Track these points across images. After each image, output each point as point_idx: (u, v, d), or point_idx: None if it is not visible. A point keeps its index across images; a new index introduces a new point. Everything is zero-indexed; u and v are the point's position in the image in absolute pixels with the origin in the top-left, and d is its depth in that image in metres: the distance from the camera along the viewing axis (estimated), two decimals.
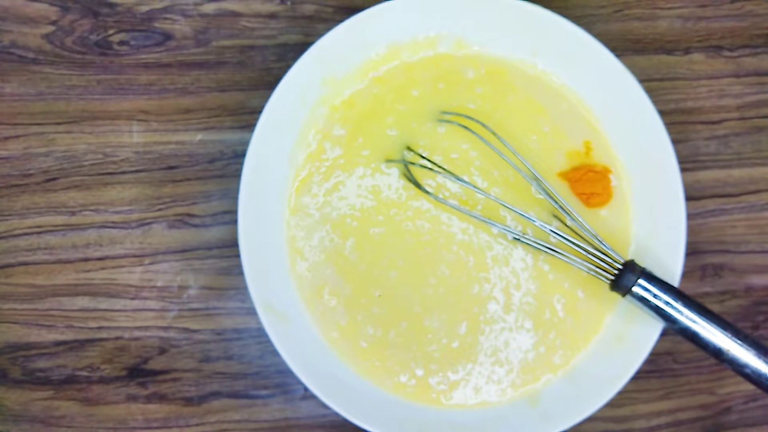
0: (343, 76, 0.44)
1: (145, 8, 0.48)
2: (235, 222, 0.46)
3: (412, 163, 0.44)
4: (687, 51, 0.49)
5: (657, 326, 0.41)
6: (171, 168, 0.47)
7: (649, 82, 0.48)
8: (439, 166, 0.43)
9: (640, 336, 0.42)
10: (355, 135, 0.44)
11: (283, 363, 0.46)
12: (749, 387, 0.47)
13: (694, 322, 0.39)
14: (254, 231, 0.42)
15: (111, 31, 0.47)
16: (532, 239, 0.42)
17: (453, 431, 0.42)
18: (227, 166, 0.47)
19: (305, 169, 0.44)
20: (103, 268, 0.46)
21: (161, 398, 0.46)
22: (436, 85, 0.45)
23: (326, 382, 0.42)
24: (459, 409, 0.43)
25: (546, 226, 0.42)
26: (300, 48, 0.47)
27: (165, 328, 0.46)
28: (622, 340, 0.42)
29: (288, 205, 0.44)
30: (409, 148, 0.44)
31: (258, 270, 0.42)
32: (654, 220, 0.43)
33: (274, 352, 0.46)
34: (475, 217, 0.43)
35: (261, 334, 0.46)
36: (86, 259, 0.46)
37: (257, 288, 0.41)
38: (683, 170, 0.42)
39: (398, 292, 0.44)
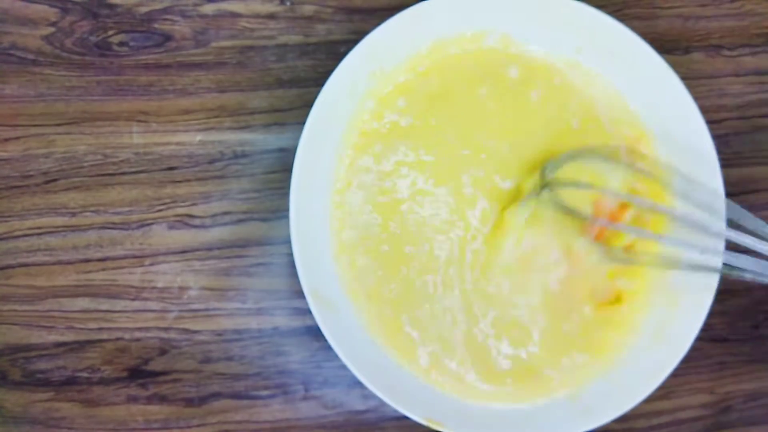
0: (391, 70, 0.45)
1: (144, 9, 0.48)
2: (234, 223, 0.47)
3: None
4: (687, 50, 0.49)
5: (697, 322, 0.41)
6: (171, 169, 0.47)
7: None
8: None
9: (680, 332, 0.42)
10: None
11: (283, 363, 0.46)
12: (749, 386, 0.47)
13: None
14: (303, 223, 0.42)
15: (110, 32, 0.47)
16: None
17: (491, 423, 0.43)
18: (227, 167, 0.47)
19: (351, 160, 0.44)
20: (103, 269, 0.46)
21: (162, 399, 0.46)
22: (478, 88, 0.45)
23: (370, 368, 0.42)
24: (496, 404, 0.44)
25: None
26: (299, 48, 0.48)
27: (165, 329, 0.46)
28: (661, 337, 0.43)
29: (333, 197, 0.44)
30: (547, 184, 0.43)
31: (308, 259, 0.42)
32: None
33: (275, 353, 0.46)
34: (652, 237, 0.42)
35: (261, 335, 0.46)
36: (86, 260, 0.46)
37: (307, 276, 0.41)
38: None
39: (445, 287, 0.44)
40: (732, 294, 0.47)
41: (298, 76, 0.47)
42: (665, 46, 0.49)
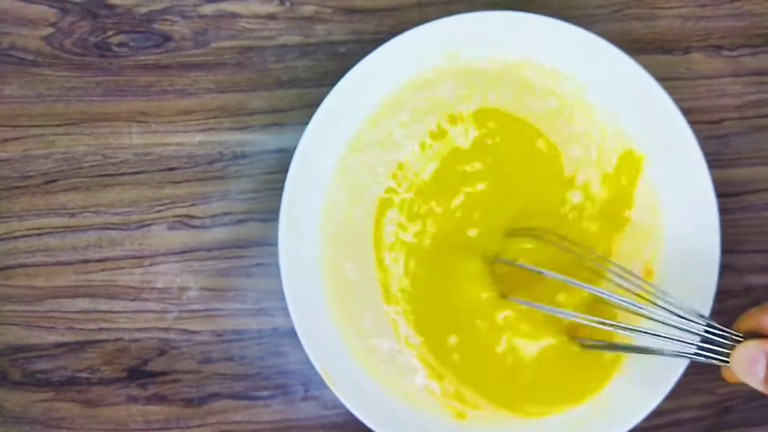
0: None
1: (144, 10, 0.48)
2: (234, 223, 0.47)
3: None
4: (686, 51, 0.49)
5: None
6: (170, 169, 0.47)
7: None
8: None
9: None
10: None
11: (283, 364, 0.46)
12: (750, 387, 0.47)
13: None
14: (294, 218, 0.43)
15: (110, 33, 0.47)
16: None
17: None
18: (226, 168, 0.47)
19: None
20: (102, 270, 0.46)
21: (161, 399, 0.46)
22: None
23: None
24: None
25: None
26: (299, 49, 0.48)
27: (165, 330, 0.46)
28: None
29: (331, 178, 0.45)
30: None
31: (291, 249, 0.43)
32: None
33: (275, 353, 0.46)
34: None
35: (261, 336, 0.46)
36: (86, 261, 0.46)
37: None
38: None
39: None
40: (731, 295, 0.47)
41: (298, 76, 0.47)
42: (665, 46, 0.49)
